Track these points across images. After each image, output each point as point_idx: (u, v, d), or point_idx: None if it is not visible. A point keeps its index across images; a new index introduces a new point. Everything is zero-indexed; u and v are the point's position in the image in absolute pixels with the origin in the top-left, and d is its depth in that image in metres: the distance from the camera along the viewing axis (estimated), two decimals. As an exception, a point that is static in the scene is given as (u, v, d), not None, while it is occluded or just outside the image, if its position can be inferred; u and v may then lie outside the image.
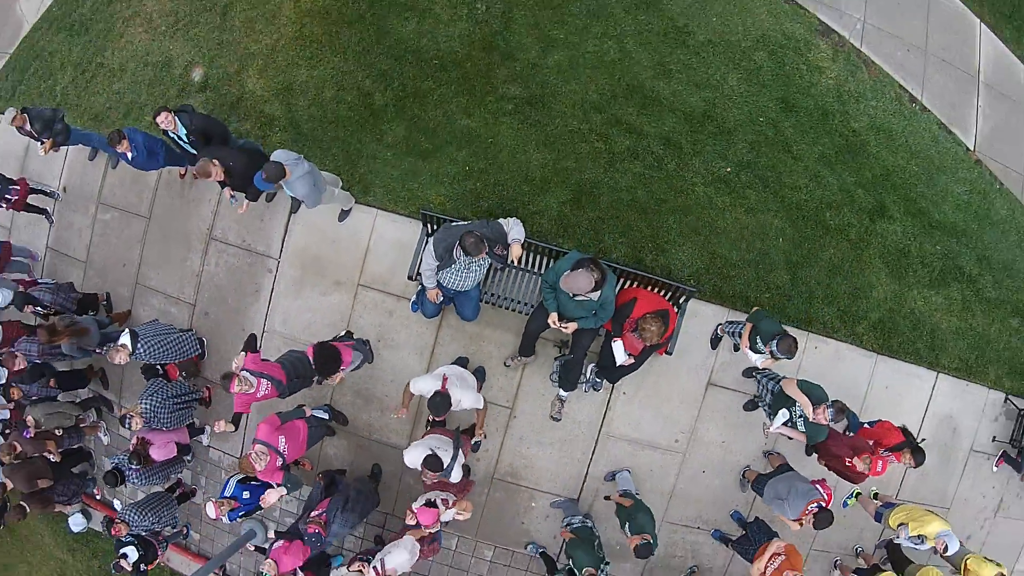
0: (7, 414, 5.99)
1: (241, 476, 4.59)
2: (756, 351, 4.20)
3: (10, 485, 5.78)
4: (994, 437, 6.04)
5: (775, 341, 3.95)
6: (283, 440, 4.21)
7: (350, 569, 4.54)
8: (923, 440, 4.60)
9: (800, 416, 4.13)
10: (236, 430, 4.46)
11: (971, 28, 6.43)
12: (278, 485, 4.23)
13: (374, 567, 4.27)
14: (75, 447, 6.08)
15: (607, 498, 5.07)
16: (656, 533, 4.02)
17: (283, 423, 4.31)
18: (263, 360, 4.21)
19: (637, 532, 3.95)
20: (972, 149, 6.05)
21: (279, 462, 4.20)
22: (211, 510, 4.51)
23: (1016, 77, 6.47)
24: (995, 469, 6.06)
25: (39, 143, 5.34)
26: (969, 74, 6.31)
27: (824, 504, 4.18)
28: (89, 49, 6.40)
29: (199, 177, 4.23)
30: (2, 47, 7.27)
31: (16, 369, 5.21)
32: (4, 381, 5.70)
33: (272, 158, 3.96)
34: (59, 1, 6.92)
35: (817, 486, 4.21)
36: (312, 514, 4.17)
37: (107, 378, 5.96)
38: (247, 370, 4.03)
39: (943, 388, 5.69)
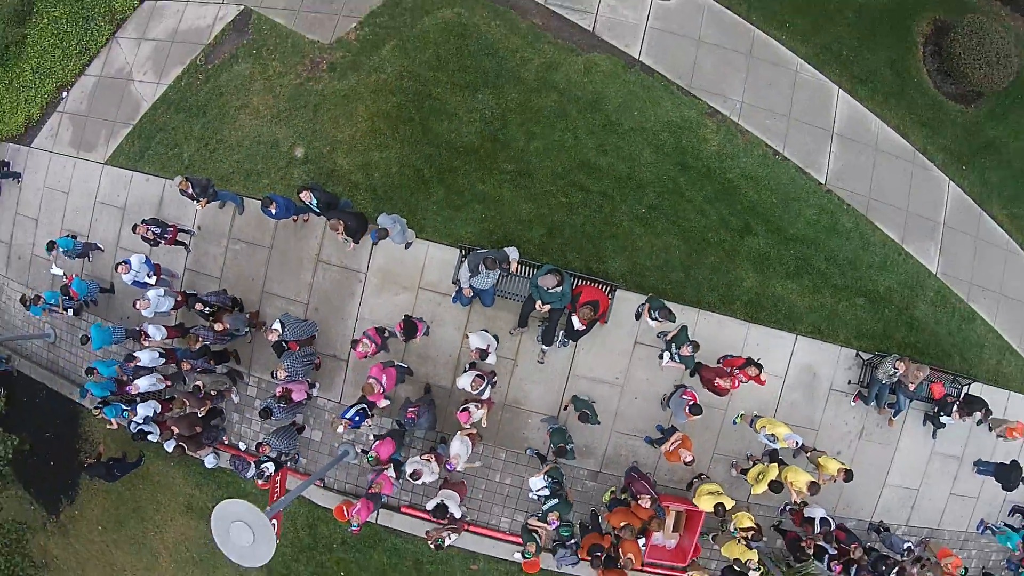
0: (162, 385, 11.21)
1: (357, 404, 9.77)
2: (652, 319, 9.43)
3: (175, 429, 10.95)
4: (850, 381, 11.20)
5: (657, 311, 9.18)
6: (384, 377, 9.41)
7: (422, 458, 9.79)
8: (760, 358, 9.75)
9: (676, 352, 9.36)
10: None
11: (830, 94, 11.62)
12: (382, 402, 9.48)
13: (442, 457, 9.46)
14: (214, 406, 11.34)
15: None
16: (595, 411, 9.26)
17: (384, 368, 9.52)
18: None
19: (579, 410, 9.20)
20: (824, 183, 11.30)
21: (382, 390, 9.41)
22: (340, 428, 9.67)
23: (867, 125, 11.63)
24: (852, 404, 11.16)
25: (196, 201, 10.56)
26: (825, 129, 11.51)
27: (693, 401, 9.37)
28: (208, 128, 11.60)
29: (332, 230, 9.46)
30: (124, 119, 12.50)
31: (195, 348, 10.43)
32: (164, 361, 10.95)
33: (379, 222, 9.17)
34: (174, 87, 12.15)
35: (684, 396, 9.43)
36: (409, 409, 9.40)
37: (239, 356, 11.19)
38: (368, 335, 9.27)
39: (802, 346, 10.89)
